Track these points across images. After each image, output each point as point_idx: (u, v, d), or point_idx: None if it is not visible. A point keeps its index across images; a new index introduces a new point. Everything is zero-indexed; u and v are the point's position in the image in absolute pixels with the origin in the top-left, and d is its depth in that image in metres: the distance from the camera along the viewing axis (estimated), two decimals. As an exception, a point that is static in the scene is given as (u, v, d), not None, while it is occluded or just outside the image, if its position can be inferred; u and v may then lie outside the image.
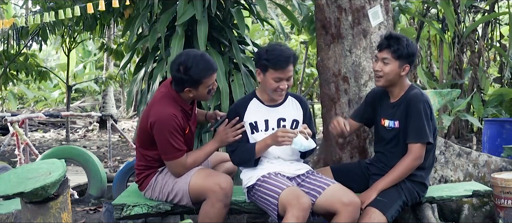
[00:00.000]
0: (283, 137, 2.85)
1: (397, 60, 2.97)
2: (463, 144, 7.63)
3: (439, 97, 4.33)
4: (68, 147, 6.68)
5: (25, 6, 11.79)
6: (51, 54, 20.96)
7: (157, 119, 2.88)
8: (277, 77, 2.90)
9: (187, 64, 2.86)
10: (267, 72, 2.91)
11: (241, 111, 3.05)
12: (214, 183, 2.86)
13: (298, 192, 2.78)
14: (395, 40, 2.98)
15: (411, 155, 2.95)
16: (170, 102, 2.94)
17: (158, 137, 2.89)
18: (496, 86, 9.65)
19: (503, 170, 3.81)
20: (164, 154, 2.93)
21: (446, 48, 8.35)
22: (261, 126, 3.03)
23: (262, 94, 3.07)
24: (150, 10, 4.48)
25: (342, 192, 2.88)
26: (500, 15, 8.94)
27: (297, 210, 2.69)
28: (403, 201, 2.98)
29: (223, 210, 2.89)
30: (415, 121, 2.94)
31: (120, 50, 10.38)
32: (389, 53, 2.98)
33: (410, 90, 3.05)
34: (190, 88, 2.92)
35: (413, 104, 2.96)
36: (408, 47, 2.97)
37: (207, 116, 3.32)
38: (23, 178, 2.56)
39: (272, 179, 2.90)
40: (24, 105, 19.85)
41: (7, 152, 8.66)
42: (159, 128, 2.87)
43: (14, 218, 2.93)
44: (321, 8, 3.63)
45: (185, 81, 2.89)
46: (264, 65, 2.91)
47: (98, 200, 4.99)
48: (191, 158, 2.99)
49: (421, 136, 2.93)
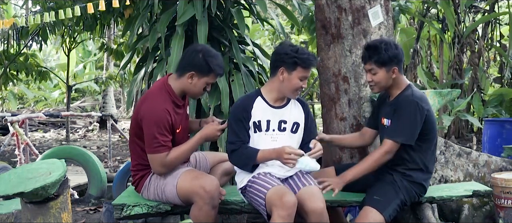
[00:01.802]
0: (288, 159, 2.82)
1: (382, 67, 3.00)
2: (463, 144, 7.63)
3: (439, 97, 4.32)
4: (68, 147, 6.69)
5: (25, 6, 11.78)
6: (51, 54, 20.95)
7: (148, 111, 2.90)
8: (303, 76, 2.93)
9: (210, 53, 3.00)
10: (295, 71, 2.92)
11: (249, 108, 3.02)
12: (199, 187, 2.85)
13: (282, 191, 2.77)
14: (373, 50, 3.01)
15: (381, 149, 2.97)
16: (163, 96, 2.97)
17: (146, 129, 2.90)
18: (496, 86, 9.65)
19: (503, 170, 3.81)
20: (148, 146, 2.93)
21: (446, 48, 8.35)
22: (263, 126, 3.02)
23: (269, 94, 3.05)
24: (150, 10, 4.48)
25: (311, 195, 2.82)
26: (500, 15, 8.94)
27: (281, 210, 2.69)
28: (401, 200, 2.98)
29: (212, 211, 2.88)
30: (398, 119, 2.97)
31: (120, 50, 10.38)
32: (372, 63, 3.02)
33: (407, 90, 3.07)
34: (194, 73, 2.95)
35: (400, 104, 2.99)
36: (387, 52, 2.99)
37: (202, 123, 3.28)
38: (23, 178, 2.56)
39: (260, 179, 2.90)
40: (24, 105, 19.84)
41: (7, 152, 8.66)
42: (149, 120, 2.88)
43: (14, 218, 2.93)
44: (321, 8, 3.63)
45: (198, 64, 2.94)
46: (293, 63, 2.91)
47: (98, 200, 4.99)
48: (173, 154, 2.95)
49: (396, 133, 2.95)
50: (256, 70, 4.38)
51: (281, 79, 2.97)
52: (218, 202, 2.92)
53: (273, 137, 3.01)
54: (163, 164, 2.94)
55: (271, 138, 3.01)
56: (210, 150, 3.98)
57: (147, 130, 2.90)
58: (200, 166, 3.30)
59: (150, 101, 2.95)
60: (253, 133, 3.01)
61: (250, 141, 3.00)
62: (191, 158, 3.28)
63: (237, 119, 3.00)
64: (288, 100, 3.10)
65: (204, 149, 3.95)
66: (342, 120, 3.56)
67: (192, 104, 3.98)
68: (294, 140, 3.05)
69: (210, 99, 4.03)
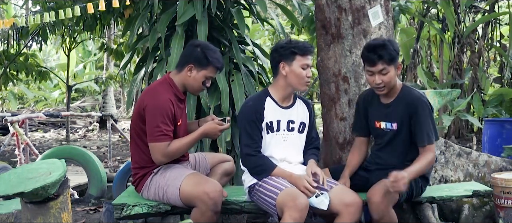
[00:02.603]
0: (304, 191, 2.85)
1: (392, 64, 2.98)
2: (463, 144, 7.62)
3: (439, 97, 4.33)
4: (68, 147, 6.69)
5: (25, 6, 11.78)
6: (51, 54, 20.95)
7: (152, 100, 2.93)
8: (305, 64, 2.96)
9: (208, 47, 3.06)
10: (294, 61, 2.95)
11: (261, 110, 3.02)
12: (202, 192, 2.85)
13: (295, 193, 2.78)
14: (382, 49, 2.94)
15: (430, 154, 2.94)
16: (165, 88, 3.01)
17: (149, 117, 2.91)
18: (496, 86, 9.65)
19: (503, 170, 3.81)
20: (150, 134, 2.93)
21: (446, 48, 8.35)
22: (274, 126, 3.03)
23: (276, 94, 3.06)
24: (150, 10, 4.47)
25: (344, 193, 2.90)
26: (500, 15, 8.94)
27: (293, 211, 2.70)
28: (411, 187, 2.98)
29: (214, 216, 2.89)
30: (424, 125, 2.95)
31: (120, 50, 10.38)
32: (384, 63, 2.94)
33: (405, 90, 3.06)
34: (193, 65, 2.99)
35: (418, 108, 2.97)
36: (394, 46, 2.99)
37: (200, 122, 3.28)
38: (23, 178, 2.56)
39: (272, 180, 2.91)
40: (24, 105, 19.85)
41: (7, 152, 8.66)
42: (153, 109, 2.91)
43: (14, 218, 2.93)
44: (321, 8, 3.63)
45: (196, 57, 3.00)
46: (291, 53, 2.95)
47: (98, 200, 4.99)
48: (174, 145, 2.96)
49: (431, 138, 2.96)
50: (256, 70, 4.38)
51: (284, 74, 2.99)
52: (220, 207, 2.93)
53: (284, 137, 3.05)
54: (163, 154, 2.94)
55: (282, 138, 3.05)
56: (210, 150, 3.98)
57: (150, 118, 2.91)
58: (200, 166, 3.30)
59: (153, 92, 2.99)
60: (266, 134, 3.02)
61: (262, 142, 3.02)
62: (191, 158, 3.28)
63: (250, 121, 2.99)
64: (295, 100, 3.12)
65: (204, 149, 3.95)
66: (342, 120, 3.56)
67: (192, 104, 3.98)
68: (302, 139, 3.12)
69: (210, 99, 4.04)
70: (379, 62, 2.94)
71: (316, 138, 3.20)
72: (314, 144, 3.18)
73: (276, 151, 3.02)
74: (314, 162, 3.06)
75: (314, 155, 3.15)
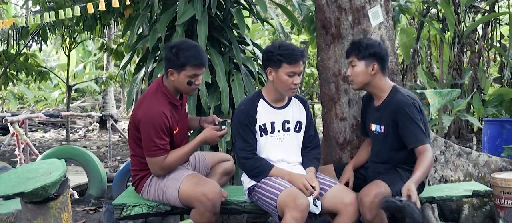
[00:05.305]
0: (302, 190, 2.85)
1: (362, 60, 3.02)
2: (463, 144, 7.63)
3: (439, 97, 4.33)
4: (68, 147, 6.69)
5: (25, 6, 11.78)
6: (51, 54, 20.93)
7: (145, 114, 2.89)
8: (291, 72, 2.90)
9: (180, 46, 2.93)
10: (280, 68, 2.90)
11: (253, 113, 3.01)
12: (201, 194, 2.85)
13: (296, 193, 2.78)
14: (356, 44, 3.08)
15: (426, 154, 2.91)
16: (159, 98, 2.94)
17: (144, 133, 2.90)
18: (496, 86, 9.65)
19: (503, 170, 3.81)
20: (146, 149, 2.93)
21: (446, 48, 8.34)
22: (268, 128, 3.02)
23: (269, 95, 3.05)
24: (150, 10, 4.47)
25: (344, 192, 2.90)
26: (500, 15, 8.93)
27: (295, 212, 2.70)
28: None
29: (213, 217, 2.89)
30: (410, 127, 2.93)
31: (120, 50, 10.38)
32: (354, 56, 3.05)
33: (394, 94, 3.05)
34: (172, 70, 2.91)
35: (401, 112, 2.95)
36: (368, 46, 3.02)
37: (201, 121, 3.28)
38: (23, 178, 2.56)
39: (272, 181, 2.91)
40: (24, 105, 19.83)
41: (7, 152, 8.66)
42: (146, 123, 2.88)
43: (14, 218, 2.93)
44: (321, 8, 3.63)
45: (171, 60, 2.91)
46: (278, 61, 2.90)
47: (98, 200, 4.99)
48: (171, 158, 2.95)
49: (420, 139, 2.93)
50: (256, 70, 4.39)
51: (271, 79, 2.99)
52: (219, 209, 2.93)
53: (279, 138, 3.03)
54: (161, 167, 2.95)
55: (277, 139, 3.03)
56: (210, 150, 3.98)
57: (145, 133, 2.89)
58: (200, 166, 3.30)
59: (146, 104, 2.93)
60: (260, 137, 3.02)
61: (257, 145, 3.01)
62: (190, 158, 3.28)
63: (243, 125, 2.99)
64: (289, 100, 3.11)
65: (204, 148, 3.95)
66: (342, 120, 3.56)
67: (192, 104, 3.98)
68: (299, 138, 3.10)
69: (210, 99, 4.04)
70: (350, 55, 3.08)
71: (314, 135, 3.17)
72: (314, 143, 3.15)
73: (272, 153, 3.02)
74: (313, 173, 2.99)
75: (316, 159, 3.11)
